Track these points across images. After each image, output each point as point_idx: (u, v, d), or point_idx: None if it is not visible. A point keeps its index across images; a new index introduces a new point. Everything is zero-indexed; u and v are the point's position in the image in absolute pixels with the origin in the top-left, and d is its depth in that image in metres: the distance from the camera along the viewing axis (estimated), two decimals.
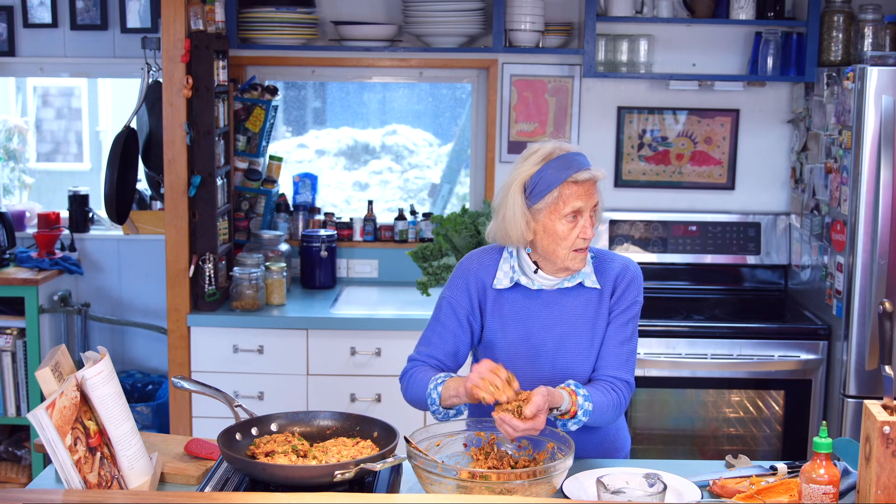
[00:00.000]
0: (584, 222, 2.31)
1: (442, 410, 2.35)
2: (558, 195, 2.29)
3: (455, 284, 2.46)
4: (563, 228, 2.30)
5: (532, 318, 2.41)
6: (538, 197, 2.31)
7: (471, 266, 2.46)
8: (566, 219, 2.30)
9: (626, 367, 2.42)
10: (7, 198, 4.85)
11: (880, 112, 3.49)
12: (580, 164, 2.30)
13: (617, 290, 2.42)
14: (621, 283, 2.42)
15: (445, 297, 2.47)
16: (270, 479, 2.11)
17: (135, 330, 4.54)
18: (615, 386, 2.39)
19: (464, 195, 4.76)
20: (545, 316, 2.40)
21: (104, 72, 4.57)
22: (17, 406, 4.16)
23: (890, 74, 3.48)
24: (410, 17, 4.17)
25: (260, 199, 4.41)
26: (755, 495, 2.15)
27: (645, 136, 4.39)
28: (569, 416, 2.28)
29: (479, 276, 2.44)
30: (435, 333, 2.47)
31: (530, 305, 2.41)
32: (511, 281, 2.41)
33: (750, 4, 4.11)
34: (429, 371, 2.42)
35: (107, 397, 2.07)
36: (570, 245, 2.32)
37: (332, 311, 3.98)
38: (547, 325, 2.40)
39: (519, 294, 2.42)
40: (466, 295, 2.44)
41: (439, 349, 2.46)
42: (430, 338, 2.48)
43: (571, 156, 2.31)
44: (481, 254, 2.49)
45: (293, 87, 4.84)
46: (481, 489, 2.03)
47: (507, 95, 4.36)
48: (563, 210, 2.29)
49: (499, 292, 2.42)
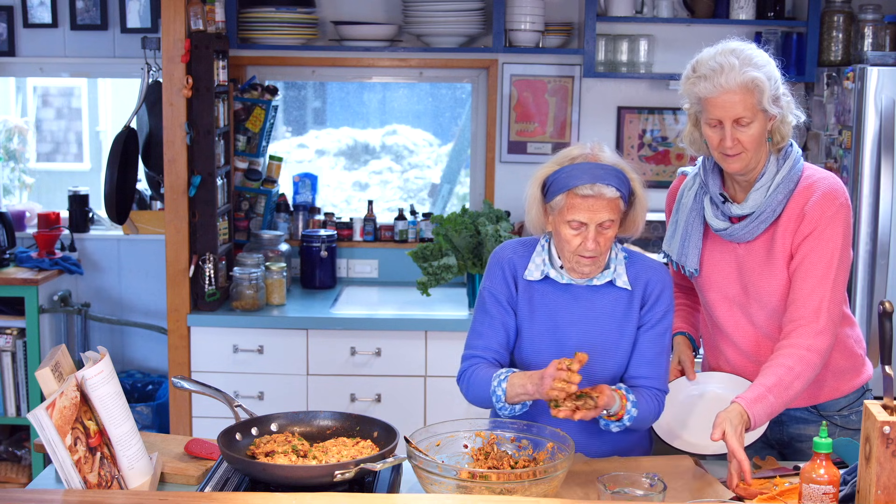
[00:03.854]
0: (588, 234, 2.27)
1: (508, 406, 2.34)
2: (564, 202, 2.28)
3: (492, 274, 2.44)
4: (566, 234, 2.29)
5: (559, 311, 2.40)
6: (550, 197, 2.31)
7: (504, 255, 2.45)
8: (570, 226, 2.28)
9: (665, 379, 2.44)
10: (7, 198, 4.85)
11: (880, 112, 3.49)
12: (594, 177, 2.24)
13: (650, 297, 2.40)
14: (654, 290, 2.40)
15: (486, 287, 2.45)
16: (270, 479, 2.11)
17: (135, 330, 4.54)
18: (657, 396, 2.41)
19: (464, 195, 4.76)
20: (572, 310, 2.39)
21: (104, 72, 4.57)
22: (17, 406, 4.16)
23: (890, 74, 3.48)
24: (410, 17, 4.17)
25: (260, 199, 4.41)
26: (777, 497, 2.15)
27: (645, 136, 4.39)
28: (615, 418, 2.31)
29: (512, 263, 2.42)
30: (484, 325, 2.44)
31: (558, 299, 2.40)
32: (541, 273, 2.39)
33: (750, 4, 4.11)
34: (486, 368, 2.39)
35: (107, 397, 2.07)
36: (572, 250, 2.31)
37: (332, 311, 3.98)
38: (573, 319, 2.39)
39: (548, 287, 2.40)
40: (504, 282, 2.42)
41: (492, 340, 2.43)
42: (480, 331, 2.44)
43: (591, 166, 2.26)
44: (516, 244, 2.47)
45: (293, 87, 4.84)
46: (481, 489, 2.03)
47: (507, 95, 4.35)
48: (567, 217, 2.28)
49: (529, 283, 2.41)
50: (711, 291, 2.54)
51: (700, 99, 2.36)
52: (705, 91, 2.32)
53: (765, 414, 2.26)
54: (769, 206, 2.39)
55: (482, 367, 2.40)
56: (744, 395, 2.26)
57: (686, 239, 2.53)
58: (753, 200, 2.41)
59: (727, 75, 2.29)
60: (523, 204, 2.40)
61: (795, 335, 2.33)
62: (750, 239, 2.44)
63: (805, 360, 2.30)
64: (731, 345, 2.54)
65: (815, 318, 2.32)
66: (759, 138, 2.35)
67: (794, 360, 2.30)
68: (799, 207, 2.38)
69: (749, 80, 2.29)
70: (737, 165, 2.37)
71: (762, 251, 2.44)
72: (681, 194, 2.58)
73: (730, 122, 2.32)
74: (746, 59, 2.31)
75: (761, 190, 2.40)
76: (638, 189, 2.32)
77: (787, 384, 2.28)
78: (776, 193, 2.39)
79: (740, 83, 2.29)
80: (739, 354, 2.53)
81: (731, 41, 2.38)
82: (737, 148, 2.34)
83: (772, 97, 2.33)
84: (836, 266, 2.34)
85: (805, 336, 2.32)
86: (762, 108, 2.31)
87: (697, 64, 2.38)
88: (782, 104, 2.36)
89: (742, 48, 2.34)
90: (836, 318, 2.35)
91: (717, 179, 2.48)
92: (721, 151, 2.36)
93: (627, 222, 2.35)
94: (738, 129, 2.32)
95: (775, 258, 2.41)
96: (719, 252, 2.51)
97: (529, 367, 2.40)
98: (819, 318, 2.32)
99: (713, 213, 2.48)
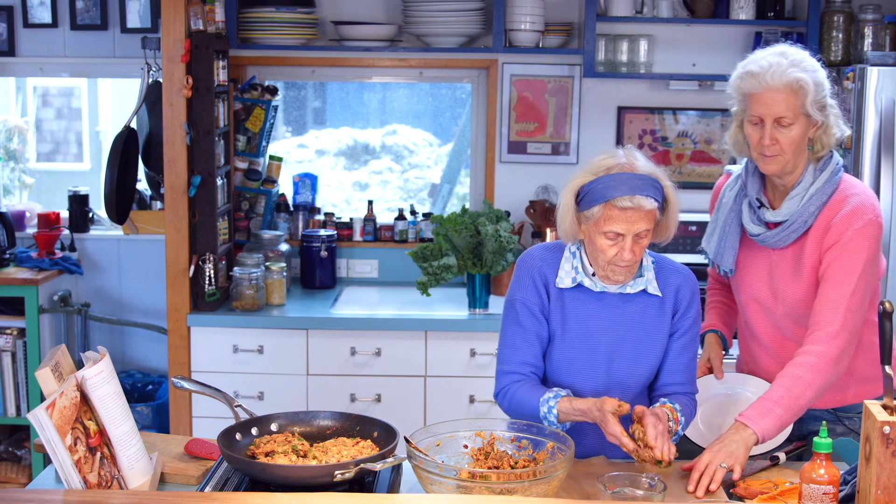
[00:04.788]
0: (624, 244, 2.26)
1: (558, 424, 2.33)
2: (601, 213, 2.26)
3: (522, 283, 2.42)
4: (602, 243, 2.28)
5: (592, 319, 2.39)
6: (585, 207, 2.29)
7: (534, 263, 2.42)
8: (606, 236, 2.27)
9: (695, 382, 2.49)
10: (7, 198, 4.85)
11: (880, 112, 3.49)
12: (633, 188, 2.23)
13: (681, 305, 2.41)
14: (684, 298, 2.41)
15: (517, 298, 2.42)
16: (270, 479, 2.11)
17: (135, 330, 4.54)
18: (692, 400, 2.45)
19: (464, 195, 4.76)
20: (604, 317, 2.39)
21: (104, 72, 4.57)
22: (17, 406, 4.16)
23: (890, 74, 3.48)
24: (410, 17, 4.17)
25: (260, 199, 4.41)
26: (777, 497, 2.15)
27: (645, 136, 4.39)
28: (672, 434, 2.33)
29: (542, 271, 2.41)
30: (518, 338, 2.41)
31: (591, 307, 2.39)
32: (573, 281, 2.38)
33: (750, 4, 4.11)
34: (528, 387, 2.37)
35: (107, 397, 2.07)
36: (607, 259, 2.30)
37: (332, 311, 3.98)
38: (605, 327, 2.39)
39: (581, 294, 2.40)
40: (535, 291, 2.40)
41: (528, 353, 2.41)
42: (515, 344, 2.42)
43: (629, 177, 2.24)
44: (543, 250, 2.45)
45: (293, 87, 4.84)
46: (481, 489, 2.03)
47: (507, 95, 4.35)
48: (603, 228, 2.27)
49: (561, 291, 2.40)
50: (743, 292, 2.59)
51: (745, 95, 2.40)
52: (750, 87, 2.37)
53: (774, 427, 2.29)
54: (801, 216, 2.42)
55: (523, 386, 2.38)
56: (747, 414, 2.30)
57: (723, 239, 2.57)
58: (787, 208, 2.43)
59: (773, 73, 2.33)
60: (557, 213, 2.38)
61: (809, 341, 2.36)
62: (782, 246, 2.47)
63: (816, 368, 2.32)
64: (760, 345, 2.59)
65: (830, 324, 2.34)
66: (799, 142, 2.37)
67: (805, 369, 2.32)
68: (827, 221, 2.40)
69: (794, 80, 2.33)
70: (773, 167, 2.40)
71: (792, 260, 2.46)
72: (722, 194, 2.62)
73: (771, 120, 2.35)
74: (795, 62, 2.36)
75: (796, 199, 2.42)
76: (671, 195, 2.32)
77: (798, 394, 2.31)
78: (809, 204, 2.41)
79: (785, 82, 2.33)
80: (767, 355, 2.58)
81: (783, 45, 2.44)
82: (774, 148, 2.36)
83: (816, 102, 2.36)
84: (858, 276, 2.35)
85: (818, 342, 2.34)
86: (805, 112, 2.35)
87: (747, 62, 2.42)
88: (827, 113, 2.39)
89: (793, 52, 2.39)
90: (853, 327, 2.36)
91: (756, 183, 2.51)
92: (759, 151, 2.39)
93: (660, 228, 2.35)
94: (778, 129, 2.35)
95: (803, 268, 2.44)
96: (754, 255, 2.54)
97: (560, 373, 2.41)
98: (833, 325, 2.34)
99: (749, 217, 2.51)
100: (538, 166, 4.41)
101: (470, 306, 3.99)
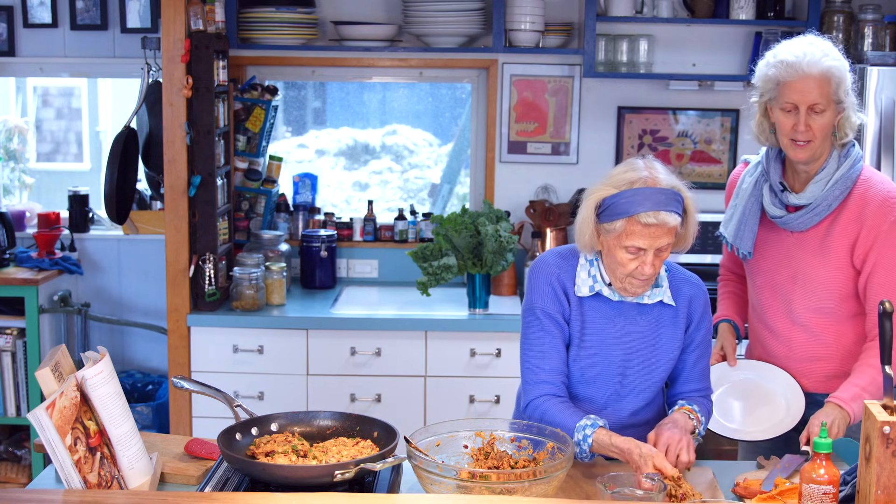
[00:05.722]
0: (646, 258, 2.27)
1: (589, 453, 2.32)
2: (623, 228, 2.26)
3: (542, 290, 2.41)
4: (623, 257, 2.28)
5: (608, 328, 2.40)
6: (607, 220, 2.28)
7: (551, 270, 2.41)
8: (628, 250, 2.27)
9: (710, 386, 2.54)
10: (7, 198, 4.85)
11: (880, 112, 3.49)
12: (657, 204, 2.23)
13: (694, 317, 2.44)
14: (697, 309, 2.44)
15: (538, 306, 2.40)
16: (270, 479, 2.11)
17: (135, 330, 4.54)
18: (709, 400, 2.51)
19: (464, 195, 4.76)
20: (621, 328, 2.40)
21: (104, 72, 4.57)
22: (17, 406, 4.16)
23: (890, 74, 3.48)
24: (410, 17, 4.17)
25: (260, 199, 4.41)
26: (777, 497, 2.15)
27: (645, 136, 4.39)
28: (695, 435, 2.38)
29: (560, 279, 2.40)
30: (546, 345, 2.40)
31: (609, 316, 2.40)
32: (591, 290, 2.38)
33: (750, 4, 4.11)
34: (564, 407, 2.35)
35: (107, 397, 2.07)
36: (627, 272, 2.30)
37: (332, 311, 3.98)
38: (621, 337, 2.40)
39: (599, 303, 2.40)
40: (556, 299, 2.39)
41: (556, 359, 2.40)
42: (543, 352, 2.40)
43: (653, 192, 2.24)
44: (558, 257, 2.44)
45: (293, 87, 4.84)
46: (481, 489, 2.03)
47: (507, 95, 4.35)
48: (625, 242, 2.26)
49: (580, 299, 2.40)
50: (759, 276, 2.65)
51: (778, 84, 2.46)
52: (786, 75, 2.43)
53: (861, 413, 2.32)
54: (825, 200, 2.49)
55: (557, 405, 2.36)
56: (839, 395, 2.39)
57: (743, 223, 2.62)
58: (811, 192, 2.50)
59: (809, 61, 2.42)
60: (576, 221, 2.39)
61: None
62: (803, 229, 2.53)
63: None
64: (769, 330, 2.65)
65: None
66: (828, 128, 2.46)
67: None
68: (858, 209, 2.47)
69: (827, 68, 2.42)
70: (804, 154, 2.47)
71: (815, 241, 2.53)
72: (741, 180, 2.67)
73: (805, 106, 2.42)
74: (826, 51, 2.45)
75: (820, 183, 2.49)
76: (690, 207, 2.32)
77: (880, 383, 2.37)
78: (833, 189, 2.48)
79: (821, 70, 2.41)
80: (776, 340, 2.64)
81: (810, 35, 2.52)
82: (808, 134, 2.44)
83: (845, 89, 2.45)
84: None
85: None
86: (835, 99, 2.44)
87: (777, 51, 2.49)
88: (851, 100, 2.48)
89: (820, 42, 2.48)
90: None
91: (778, 168, 2.57)
92: (792, 138, 2.46)
93: (679, 239, 2.35)
94: (811, 116, 2.43)
95: (829, 251, 2.50)
96: (772, 239, 2.61)
97: (573, 381, 2.42)
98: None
99: (771, 200, 2.57)
100: (538, 166, 4.41)
101: (470, 306, 3.99)
